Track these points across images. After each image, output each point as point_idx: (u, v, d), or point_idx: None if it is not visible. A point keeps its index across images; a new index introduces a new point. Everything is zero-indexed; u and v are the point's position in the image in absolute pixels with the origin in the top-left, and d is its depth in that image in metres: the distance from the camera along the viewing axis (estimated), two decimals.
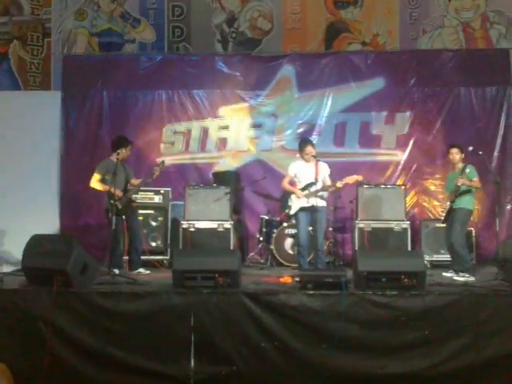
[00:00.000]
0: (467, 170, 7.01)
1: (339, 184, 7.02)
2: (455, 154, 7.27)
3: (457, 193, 7.02)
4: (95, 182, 7.32)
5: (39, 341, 5.68)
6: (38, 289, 5.85)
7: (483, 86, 9.24)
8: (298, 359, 5.61)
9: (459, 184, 6.97)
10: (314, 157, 7.17)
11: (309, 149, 7.24)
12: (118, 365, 5.66)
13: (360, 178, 7.20)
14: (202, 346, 5.65)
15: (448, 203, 7.20)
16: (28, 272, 6.12)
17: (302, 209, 7.14)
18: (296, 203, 7.20)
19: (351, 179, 7.08)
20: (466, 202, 7.07)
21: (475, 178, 7.06)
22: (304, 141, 7.61)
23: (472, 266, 7.20)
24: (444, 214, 7.30)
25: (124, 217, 7.27)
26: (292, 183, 7.45)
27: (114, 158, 7.34)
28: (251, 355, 5.65)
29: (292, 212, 7.27)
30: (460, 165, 7.26)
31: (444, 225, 7.39)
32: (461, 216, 7.05)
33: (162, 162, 7.64)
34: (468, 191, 7.08)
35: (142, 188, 7.90)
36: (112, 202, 7.00)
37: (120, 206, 7.09)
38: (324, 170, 7.23)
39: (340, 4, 9.63)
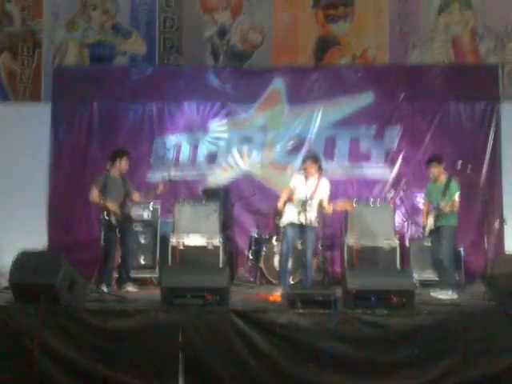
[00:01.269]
0: (451, 190, 7.01)
1: (328, 209, 7.03)
2: (433, 169, 7.24)
3: (440, 211, 7.01)
4: (92, 196, 7.28)
5: (27, 358, 5.63)
6: (26, 305, 5.79)
7: (472, 101, 9.28)
8: (287, 377, 5.57)
9: (445, 210, 6.93)
10: (319, 172, 7.18)
11: (304, 164, 7.23)
12: (105, 382, 5.61)
13: (349, 207, 7.27)
14: (190, 363, 5.62)
15: (430, 220, 7.18)
16: (15, 288, 6.06)
17: (291, 224, 7.11)
18: (287, 216, 7.16)
19: (340, 205, 7.13)
20: (449, 219, 7.06)
21: (456, 196, 7.01)
22: (305, 156, 7.67)
23: (457, 282, 7.21)
24: (427, 230, 7.28)
25: (118, 232, 7.22)
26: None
27: (113, 173, 7.40)
28: (240, 373, 5.61)
29: (281, 224, 7.27)
30: (442, 177, 7.20)
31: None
32: (448, 233, 7.06)
33: (170, 179, 7.61)
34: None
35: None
36: (106, 217, 6.99)
37: (114, 222, 7.05)
38: (323, 188, 7.15)
39: (331, 18, 9.67)
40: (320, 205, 7.11)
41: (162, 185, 7.43)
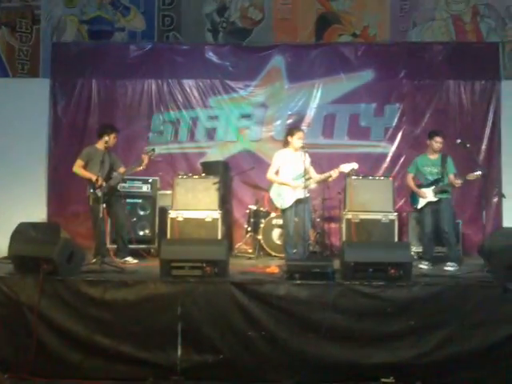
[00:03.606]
0: (449, 165, 7.19)
1: (334, 173, 6.91)
2: (440, 144, 7.29)
3: (445, 186, 7.09)
4: (77, 168, 7.29)
5: (26, 328, 5.66)
6: (25, 276, 5.81)
7: (472, 80, 9.31)
8: (285, 348, 5.60)
9: (457, 185, 7.08)
10: (302, 147, 7.03)
11: (300, 134, 7.10)
12: (104, 352, 5.64)
13: (356, 165, 6.97)
14: (188, 334, 5.64)
15: (428, 193, 7.22)
16: (14, 260, 6.09)
17: (297, 201, 6.97)
18: (291, 195, 6.97)
19: (347, 167, 6.92)
20: (448, 192, 7.23)
21: (453, 173, 7.22)
22: (295, 127, 7.61)
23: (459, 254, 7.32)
24: (422, 202, 7.29)
25: (105, 205, 7.12)
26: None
27: (99, 145, 7.35)
28: (238, 344, 5.63)
29: (287, 205, 7.01)
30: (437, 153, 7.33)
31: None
32: (449, 206, 7.21)
33: (153, 149, 7.51)
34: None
35: (130, 177, 7.95)
36: (92, 190, 7.00)
37: (99, 194, 7.02)
38: (307, 159, 7.04)
39: None
40: (310, 173, 7.05)
41: (147, 157, 7.34)
